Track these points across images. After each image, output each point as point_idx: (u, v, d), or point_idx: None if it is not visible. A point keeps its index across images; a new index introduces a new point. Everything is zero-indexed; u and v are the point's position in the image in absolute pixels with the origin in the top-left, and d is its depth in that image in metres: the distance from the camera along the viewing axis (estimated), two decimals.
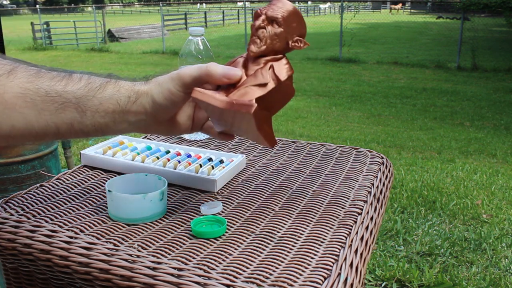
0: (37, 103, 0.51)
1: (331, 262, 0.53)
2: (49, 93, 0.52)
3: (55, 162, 1.84)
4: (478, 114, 5.62)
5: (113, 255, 0.53)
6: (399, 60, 10.00)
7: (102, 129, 0.55)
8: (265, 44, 0.56)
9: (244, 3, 13.62)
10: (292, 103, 6.05)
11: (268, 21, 0.56)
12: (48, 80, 0.52)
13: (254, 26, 0.57)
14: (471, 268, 1.95)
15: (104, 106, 0.54)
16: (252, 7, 27.67)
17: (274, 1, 0.57)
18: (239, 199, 0.70)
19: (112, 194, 0.61)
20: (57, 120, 0.52)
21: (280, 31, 0.56)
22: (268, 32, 0.56)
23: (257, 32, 0.56)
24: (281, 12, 0.56)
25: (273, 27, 0.56)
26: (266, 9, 0.57)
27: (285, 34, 0.56)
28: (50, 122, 0.52)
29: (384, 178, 0.81)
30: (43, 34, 14.10)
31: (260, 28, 0.56)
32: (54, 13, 36.77)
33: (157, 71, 1.88)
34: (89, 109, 0.53)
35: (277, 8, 0.56)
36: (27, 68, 0.53)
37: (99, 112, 0.54)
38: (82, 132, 0.55)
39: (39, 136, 0.53)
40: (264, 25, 0.56)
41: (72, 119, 0.53)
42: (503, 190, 2.92)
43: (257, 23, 0.56)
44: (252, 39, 0.57)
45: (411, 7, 33.79)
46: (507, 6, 10.84)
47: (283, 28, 0.56)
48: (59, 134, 0.54)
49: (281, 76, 0.55)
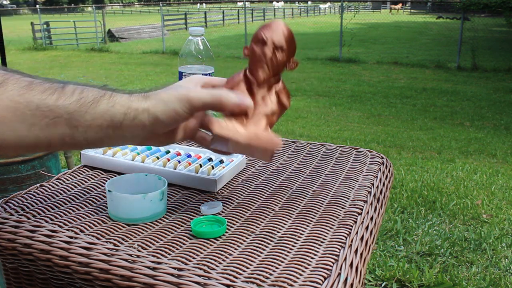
0: (27, 117, 0.50)
1: (331, 262, 0.53)
2: (40, 107, 0.50)
3: (55, 162, 1.84)
4: (478, 114, 5.62)
5: (113, 255, 0.53)
6: (399, 60, 10.00)
7: (95, 144, 0.54)
8: (272, 71, 0.59)
9: (244, 3, 13.63)
10: (292, 103, 6.01)
11: (275, 48, 0.58)
12: (39, 93, 0.50)
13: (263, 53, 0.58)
14: (471, 268, 1.95)
15: (97, 122, 0.52)
16: (252, 7, 27.64)
17: (274, 24, 0.59)
18: (239, 199, 0.70)
19: (112, 194, 0.61)
20: (48, 134, 0.51)
21: (284, 58, 0.59)
22: (276, 59, 0.58)
23: (266, 59, 0.58)
24: (284, 38, 0.58)
25: (279, 53, 0.58)
26: (270, 33, 0.58)
27: (286, 59, 0.59)
28: (42, 136, 0.51)
29: (384, 178, 0.81)
30: (43, 34, 14.11)
31: (269, 56, 0.58)
32: (54, 13, 36.78)
33: (157, 71, 1.88)
34: (81, 124, 0.51)
35: (280, 34, 0.58)
36: (18, 80, 0.51)
37: (92, 128, 0.52)
38: (74, 146, 0.53)
39: (30, 148, 0.52)
40: (273, 53, 0.58)
41: (63, 134, 0.51)
42: (503, 190, 2.92)
43: (268, 52, 0.57)
44: (260, 65, 0.58)
45: (411, 7, 33.79)
46: (507, 6, 10.85)
47: (286, 54, 0.59)
48: (50, 147, 0.52)
49: (286, 103, 0.61)
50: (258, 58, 0.58)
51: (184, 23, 19.29)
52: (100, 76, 8.31)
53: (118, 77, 8.20)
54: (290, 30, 0.59)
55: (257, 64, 0.58)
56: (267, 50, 0.57)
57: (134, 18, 29.92)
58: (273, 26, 0.58)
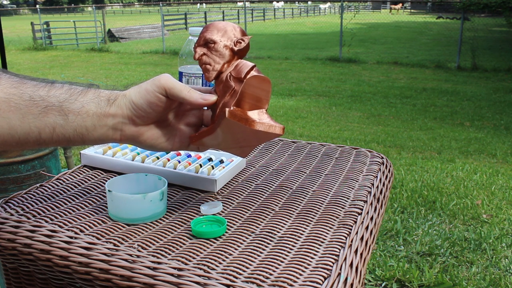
0: (21, 107, 0.53)
1: (331, 262, 0.53)
2: (33, 98, 0.54)
3: (55, 162, 1.84)
4: (478, 114, 5.62)
5: (113, 255, 0.53)
6: (399, 60, 10.00)
7: (82, 134, 0.56)
8: (213, 65, 0.59)
9: (244, 3, 13.62)
10: (292, 103, 6.06)
11: (203, 46, 0.60)
12: (31, 86, 0.54)
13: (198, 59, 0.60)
14: (471, 268, 1.95)
15: (85, 108, 0.56)
16: (252, 7, 27.63)
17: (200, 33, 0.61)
18: (239, 199, 0.70)
19: (112, 194, 0.61)
20: (40, 124, 0.54)
21: (219, 44, 0.59)
22: (209, 54, 0.59)
23: (200, 61, 0.60)
24: (207, 30, 0.60)
25: (210, 46, 0.59)
26: (196, 43, 0.61)
27: (222, 44, 0.59)
28: (33, 126, 0.54)
29: (384, 178, 0.81)
30: (43, 34, 14.10)
31: (202, 57, 0.60)
32: (54, 13, 36.78)
33: (157, 71, 1.89)
34: (71, 111, 0.55)
35: (204, 30, 0.60)
36: (10, 77, 0.55)
37: (81, 115, 0.55)
38: (63, 137, 0.56)
39: (20, 141, 0.54)
40: (203, 53, 0.59)
41: (54, 123, 0.54)
42: (503, 190, 2.92)
43: (196, 56, 0.59)
44: (202, 68, 0.60)
45: (411, 7, 33.79)
46: (507, 6, 10.84)
47: (219, 39, 0.59)
48: (40, 139, 0.55)
49: (241, 74, 0.57)
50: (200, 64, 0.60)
51: (184, 23, 19.28)
52: (100, 76, 8.30)
53: (118, 77, 8.19)
54: (211, 23, 0.61)
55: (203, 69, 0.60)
56: (196, 55, 0.60)
57: (134, 18, 29.92)
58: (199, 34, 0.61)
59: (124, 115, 0.58)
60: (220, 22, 0.61)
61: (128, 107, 0.58)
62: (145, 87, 0.58)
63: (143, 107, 0.58)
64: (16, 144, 0.55)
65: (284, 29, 17.41)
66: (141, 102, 0.57)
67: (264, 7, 28.93)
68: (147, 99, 0.58)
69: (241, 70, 0.57)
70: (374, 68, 9.35)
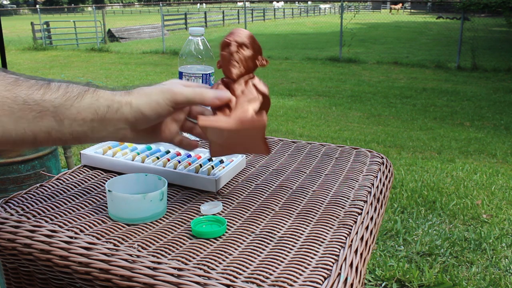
0: (15, 111, 0.51)
1: (331, 262, 0.53)
2: (26, 102, 0.51)
3: (55, 162, 1.84)
4: (478, 114, 5.62)
5: (113, 255, 0.53)
6: (399, 60, 10.00)
7: (79, 138, 0.55)
8: (243, 65, 0.63)
9: (244, 3, 13.62)
10: (292, 103, 6.06)
11: (239, 46, 0.63)
12: (26, 89, 0.52)
13: (230, 53, 0.63)
14: (471, 268, 1.95)
15: (82, 115, 0.54)
16: (252, 7, 27.61)
17: (234, 30, 0.65)
18: (239, 199, 0.70)
19: (112, 194, 0.61)
20: (35, 128, 0.52)
21: (250, 53, 0.64)
22: (243, 55, 0.63)
23: (233, 56, 0.63)
24: (245, 37, 0.64)
25: (244, 50, 0.64)
26: (232, 37, 0.64)
27: (253, 55, 0.64)
28: (28, 130, 0.52)
29: (384, 178, 0.81)
30: (43, 34, 14.10)
31: (236, 53, 0.63)
32: (54, 13, 36.78)
33: (157, 71, 1.89)
34: (67, 117, 0.53)
35: (241, 35, 0.64)
36: (4, 77, 0.52)
37: (77, 121, 0.54)
38: (60, 140, 0.55)
39: (16, 143, 0.53)
40: (238, 50, 0.63)
41: (49, 128, 0.53)
42: (503, 190, 2.92)
43: (232, 49, 0.63)
44: (231, 63, 0.63)
45: (411, 7, 33.79)
46: (507, 6, 10.84)
47: (251, 49, 0.64)
48: (36, 142, 0.54)
49: (263, 90, 0.64)
50: (227, 59, 0.63)
51: (184, 23, 19.28)
52: (100, 76, 8.30)
53: (118, 77, 8.19)
54: (250, 32, 0.65)
55: (228, 64, 0.63)
56: (232, 48, 0.63)
57: (134, 18, 29.92)
58: (233, 31, 0.65)
59: (127, 122, 0.57)
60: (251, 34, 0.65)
61: (133, 115, 0.56)
62: (157, 100, 0.57)
63: (152, 118, 0.57)
64: (12, 146, 0.54)
65: (284, 29, 17.41)
66: (151, 114, 0.57)
67: (264, 7, 28.93)
68: (158, 112, 0.57)
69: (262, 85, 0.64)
70: (374, 68, 9.35)
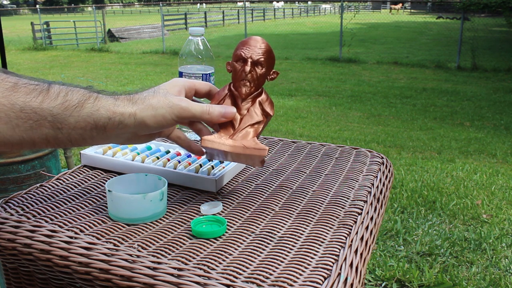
0: (11, 118, 0.50)
1: (331, 262, 0.53)
2: (24, 110, 0.51)
3: (55, 162, 1.84)
4: (478, 114, 5.62)
5: (113, 255, 0.53)
6: (399, 60, 10.00)
7: (78, 143, 0.55)
8: (254, 85, 0.64)
9: (244, 3, 13.62)
10: (292, 103, 6.05)
11: (255, 65, 0.64)
12: (24, 96, 0.51)
13: (244, 71, 0.63)
14: (471, 268, 1.95)
15: (81, 124, 0.53)
16: (252, 7, 27.61)
17: (251, 40, 0.64)
18: (239, 199, 0.70)
19: (112, 194, 0.61)
20: (33, 135, 0.52)
21: (264, 72, 0.64)
22: (256, 74, 0.64)
23: (247, 76, 0.63)
24: (262, 54, 0.64)
25: (258, 69, 0.64)
26: (249, 51, 0.64)
27: (266, 72, 0.65)
28: (26, 136, 0.52)
29: (384, 178, 0.81)
30: (43, 34, 14.10)
31: (250, 73, 0.63)
32: (54, 13, 36.78)
33: (157, 71, 1.89)
34: (65, 126, 0.53)
35: (258, 50, 0.64)
36: (3, 81, 0.51)
37: (76, 130, 0.53)
38: (58, 145, 0.55)
39: (15, 147, 0.53)
40: (252, 69, 0.63)
41: (47, 135, 0.53)
42: (503, 190, 2.92)
43: (247, 69, 0.63)
44: (242, 82, 0.64)
45: (411, 7, 33.78)
46: (507, 6, 10.84)
47: (265, 68, 0.64)
48: (35, 146, 0.54)
49: (270, 111, 0.65)
50: (240, 76, 0.64)
51: (184, 23, 19.28)
52: (100, 76, 8.30)
53: (118, 77, 8.19)
54: (268, 44, 0.65)
55: (240, 81, 0.64)
56: (247, 68, 0.63)
57: (134, 18, 29.92)
58: (251, 43, 0.64)
59: (130, 131, 0.57)
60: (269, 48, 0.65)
61: (136, 126, 0.56)
62: (163, 115, 0.56)
63: (154, 129, 0.57)
64: (11, 149, 0.54)
65: (284, 29, 17.41)
66: (155, 127, 0.57)
67: (264, 7, 28.92)
68: (162, 125, 0.57)
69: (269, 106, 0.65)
70: (374, 68, 9.35)
